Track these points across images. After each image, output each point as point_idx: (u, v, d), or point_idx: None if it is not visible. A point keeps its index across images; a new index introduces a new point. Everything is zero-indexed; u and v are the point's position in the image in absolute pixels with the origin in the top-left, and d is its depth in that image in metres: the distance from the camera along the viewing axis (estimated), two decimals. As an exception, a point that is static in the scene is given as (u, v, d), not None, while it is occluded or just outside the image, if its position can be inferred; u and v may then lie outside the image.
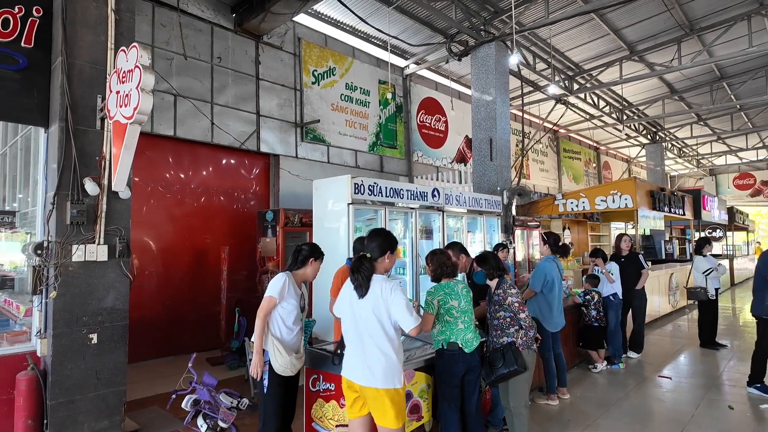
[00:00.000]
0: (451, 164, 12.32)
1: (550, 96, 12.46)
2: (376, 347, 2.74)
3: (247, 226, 7.89)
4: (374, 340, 2.75)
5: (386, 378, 2.71)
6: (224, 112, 7.60)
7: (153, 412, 4.62)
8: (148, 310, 6.80)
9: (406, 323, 2.73)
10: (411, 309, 2.75)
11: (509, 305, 3.52)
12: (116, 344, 3.88)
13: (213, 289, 7.27)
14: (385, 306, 2.75)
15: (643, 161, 20.60)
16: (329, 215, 5.58)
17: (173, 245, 7.21)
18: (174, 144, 7.20)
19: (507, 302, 3.53)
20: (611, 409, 4.59)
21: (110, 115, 3.49)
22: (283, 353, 3.06)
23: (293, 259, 3.32)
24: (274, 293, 3.09)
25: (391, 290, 2.76)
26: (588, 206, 9.23)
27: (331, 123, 9.33)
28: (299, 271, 3.30)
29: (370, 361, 2.74)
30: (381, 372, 2.71)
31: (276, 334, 3.13)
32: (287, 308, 3.14)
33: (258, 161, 8.37)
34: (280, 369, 3.07)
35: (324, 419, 3.21)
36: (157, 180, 7.07)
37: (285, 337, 3.14)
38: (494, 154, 8.61)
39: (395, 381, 2.73)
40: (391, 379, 2.72)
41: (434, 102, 12.12)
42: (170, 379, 5.59)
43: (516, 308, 3.51)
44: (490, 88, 8.77)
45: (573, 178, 18.19)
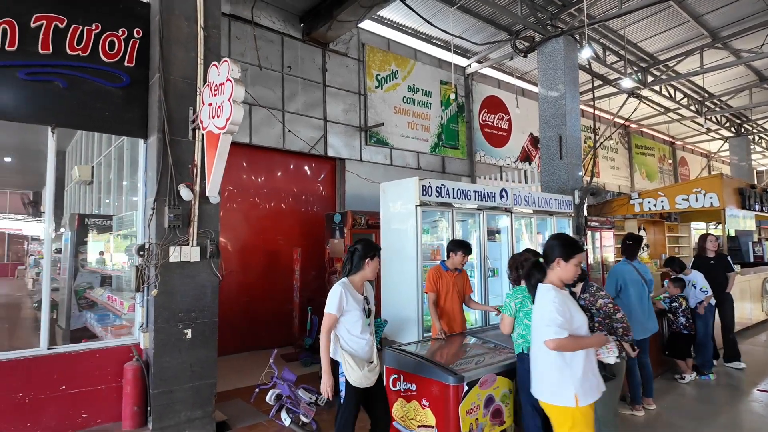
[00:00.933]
0: (514, 163, 12.03)
1: (622, 90, 11.82)
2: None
3: (316, 227, 8.16)
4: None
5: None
6: (294, 119, 7.91)
7: (237, 404, 4.90)
8: (228, 308, 7.20)
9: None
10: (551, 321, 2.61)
11: (600, 308, 3.38)
12: (207, 339, 4.16)
13: (286, 288, 7.58)
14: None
15: (726, 156, 19.00)
16: (397, 217, 5.65)
17: (249, 246, 7.60)
18: (249, 151, 7.59)
19: (597, 305, 3.40)
20: (703, 423, 4.29)
21: (203, 126, 3.76)
22: (355, 368, 2.94)
23: (348, 262, 3.17)
24: (332, 310, 2.98)
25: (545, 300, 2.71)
26: (667, 206, 8.66)
27: (393, 126, 9.43)
28: (356, 276, 3.14)
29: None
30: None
31: (346, 347, 3.02)
32: (351, 319, 3.03)
33: (325, 165, 8.63)
34: (356, 382, 2.97)
35: (406, 419, 3.26)
36: (234, 185, 7.48)
37: (355, 347, 3.02)
38: (564, 152, 8.30)
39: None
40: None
41: (497, 100, 11.89)
42: (249, 373, 5.90)
43: (610, 309, 3.37)
44: (558, 84, 8.48)
45: (646, 175, 17.13)
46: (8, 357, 3.70)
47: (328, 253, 7.62)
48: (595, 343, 2.76)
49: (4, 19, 3.70)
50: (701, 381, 5.55)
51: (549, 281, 2.76)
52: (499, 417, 3.33)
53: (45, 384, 3.80)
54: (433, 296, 4.21)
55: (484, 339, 4.04)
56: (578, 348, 2.62)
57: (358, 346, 3.02)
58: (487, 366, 3.30)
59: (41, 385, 3.78)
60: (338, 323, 3.02)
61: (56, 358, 3.88)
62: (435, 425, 3.06)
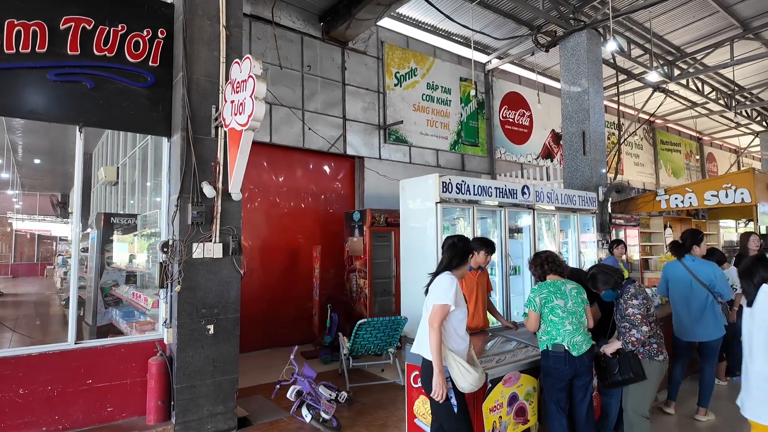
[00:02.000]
0: (536, 160, 11.85)
1: (647, 84, 11.52)
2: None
3: (335, 225, 8.18)
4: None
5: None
6: (314, 118, 7.94)
7: (258, 400, 4.94)
8: (249, 305, 7.28)
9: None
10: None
11: (629, 316, 3.27)
12: (229, 335, 4.19)
13: (306, 286, 7.62)
14: None
15: (756, 151, 18.34)
16: (416, 214, 5.60)
17: (269, 245, 7.66)
18: (269, 150, 7.65)
19: (627, 313, 3.28)
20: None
21: (225, 123, 3.79)
22: (471, 370, 2.62)
23: (455, 257, 2.85)
24: (448, 300, 2.64)
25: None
26: (696, 202, 8.40)
27: (412, 123, 9.38)
28: (459, 271, 2.85)
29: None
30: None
31: (453, 347, 2.69)
32: (459, 316, 2.73)
33: (344, 163, 8.64)
34: (468, 388, 2.65)
35: (427, 415, 3.22)
36: (255, 184, 7.55)
37: (460, 350, 2.71)
38: (587, 148, 8.13)
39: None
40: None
41: (518, 96, 11.73)
42: (270, 370, 5.93)
43: (638, 321, 3.22)
44: (581, 79, 8.31)
45: (672, 172, 16.67)
46: (38, 351, 3.80)
47: (347, 252, 7.63)
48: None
49: (35, 21, 3.80)
50: (733, 382, 5.36)
51: None
52: (522, 415, 3.26)
53: (72, 378, 3.89)
54: None
55: (507, 337, 3.97)
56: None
57: (462, 348, 2.72)
58: (510, 363, 3.24)
59: (69, 378, 3.87)
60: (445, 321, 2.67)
61: (83, 352, 3.97)
62: (458, 423, 3.01)
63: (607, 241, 7.72)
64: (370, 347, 5.30)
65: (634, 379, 3.16)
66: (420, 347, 2.80)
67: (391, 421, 4.35)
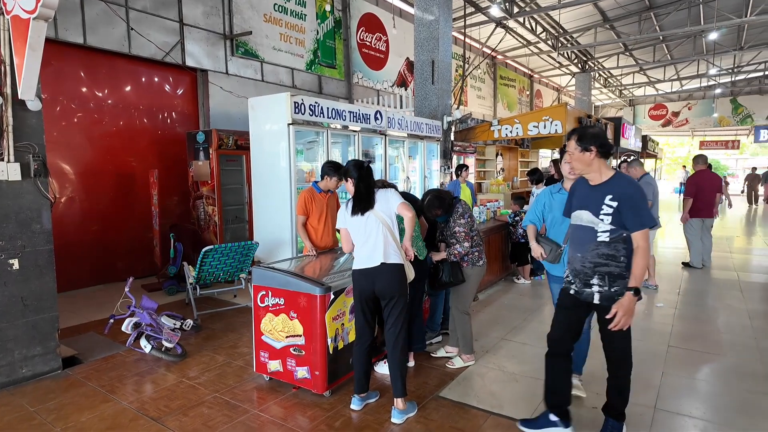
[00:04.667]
0: (392, 87, 12.07)
1: (491, 18, 12.28)
2: None
3: (176, 148, 7.40)
4: None
5: None
6: (142, 19, 6.75)
7: (90, 337, 4.50)
8: (76, 238, 6.38)
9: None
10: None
11: (456, 234, 3.68)
12: (42, 269, 3.63)
13: (143, 215, 6.90)
14: None
15: (572, 90, 21.40)
16: (268, 136, 5.34)
17: (94, 169, 6.63)
18: (85, 54, 6.36)
19: (454, 231, 3.68)
20: (533, 313, 5.13)
21: (6, 10, 2.97)
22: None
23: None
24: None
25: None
26: (521, 132, 9.55)
27: (264, 36, 8.64)
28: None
29: None
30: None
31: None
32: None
33: (184, 77, 7.67)
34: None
35: (274, 332, 3.31)
36: (69, 96, 6.30)
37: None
38: (436, 78, 8.50)
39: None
40: None
41: (375, 18, 11.53)
42: (105, 306, 5.41)
43: (461, 237, 3.65)
44: (432, 6, 8.45)
45: (507, 105, 18.61)
46: None
47: (191, 177, 7.03)
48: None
49: None
50: (535, 281, 6.58)
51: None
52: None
53: None
54: (303, 219, 4.18)
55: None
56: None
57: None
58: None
59: None
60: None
61: None
62: (302, 334, 3.15)
63: (449, 167, 8.44)
64: (220, 274, 5.13)
65: (455, 283, 3.66)
66: (390, 257, 2.95)
67: (242, 341, 4.38)
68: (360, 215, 2.98)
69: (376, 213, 2.97)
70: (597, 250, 2.52)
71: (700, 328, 4.65)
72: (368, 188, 3.02)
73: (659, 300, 5.54)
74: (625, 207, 2.44)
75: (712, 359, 3.88)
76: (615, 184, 2.52)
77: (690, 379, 3.52)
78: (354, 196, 3.04)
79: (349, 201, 3.10)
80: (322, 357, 3.13)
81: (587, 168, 2.56)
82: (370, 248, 2.95)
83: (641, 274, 2.43)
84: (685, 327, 4.64)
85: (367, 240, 2.97)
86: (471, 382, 3.48)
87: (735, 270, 7.15)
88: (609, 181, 2.54)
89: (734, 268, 7.26)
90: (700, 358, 3.89)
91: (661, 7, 13.86)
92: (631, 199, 2.43)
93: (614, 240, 2.49)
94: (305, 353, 3.17)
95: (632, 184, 2.52)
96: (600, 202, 2.51)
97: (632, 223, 2.43)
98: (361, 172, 3.03)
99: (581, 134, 2.55)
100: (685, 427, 2.86)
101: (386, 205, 3.00)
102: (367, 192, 3.00)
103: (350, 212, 3.03)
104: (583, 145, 2.53)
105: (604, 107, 27.49)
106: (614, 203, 2.47)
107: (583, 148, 2.53)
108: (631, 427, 2.80)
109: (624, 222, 2.45)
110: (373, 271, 2.94)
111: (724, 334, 4.48)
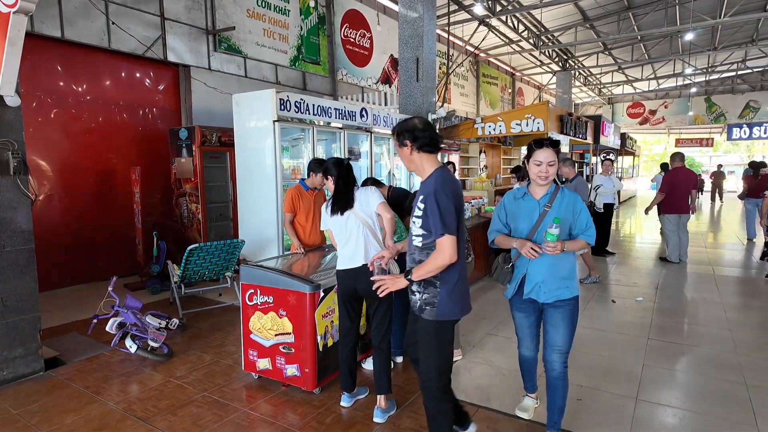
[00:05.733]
0: (376, 84, 12.06)
1: (474, 17, 12.37)
2: None
3: (158, 144, 7.28)
4: None
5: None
6: (122, 12, 6.61)
7: (73, 338, 4.41)
8: (56, 237, 6.24)
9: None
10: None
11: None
12: (23, 269, 3.54)
13: (125, 213, 6.79)
14: None
15: (554, 89, 21.72)
16: (253, 133, 5.30)
17: (73, 166, 6.49)
18: (63, 48, 6.21)
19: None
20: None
21: (-17, 2, 2.88)
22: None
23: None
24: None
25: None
26: (504, 129, 9.67)
27: (247, 32, 8.55)
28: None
29: None
30: None
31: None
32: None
33: (166, 72, 7.54)
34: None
35: (263, 330, 3.30)
36: (46, 91, 6.15)
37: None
38: (421, 75, 8.53)
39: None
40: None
41: (359, 15, 11.50)
42: (88, 305, 5.31)
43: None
44: (416, 4, 8.47)
45: (490, 103, 18.78)
46: None
47: (174, 174, 6.93)
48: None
49: None
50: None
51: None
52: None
53: None
54: (290, 216, 4.17)
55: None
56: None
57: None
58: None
59: None
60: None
61: None
62: (292, 331, 3.16)
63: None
64: (205, 273, 5.08)
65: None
66: (372, 257, 2.69)
67: (229, 340, 4.36)
68: (339, 215, 2.96)
69: (356, 213, 2.94)
70: (413, 255, 2.28)
71: (678, 321, 4.80)
72: (347, 186, 2.99)
73: (639, 294, 5.70)
74: (427, 209, 2.12)
75: (690, 351, 4.01)
76: (426, 184, 2.20)
77: (669, 371, 3.63)
78: (333, 194, 3.04)
79: (329, 201, 3.09)
80: (311, 354, 3.14)
81: (411, 165, 2.25)
82: (352, 249, 2.94)
83: (428, 271, 2.14)
84: (664, 320, 4.79)
85: (348, 240, 2.95)
86: (458, 377, 3.53)
87: (710, 264, 7.39)
88: (425, 180, 2.22)
89: (709, 263, 7.50)
90: (679, 350, 4.02)
91: (639, 8, 14.16)
92: (431, 200, 2.09)
93: (426, 246, 2.19)
94: (295, 351, 3.17)
95: (437, 182, 2.13)
96: (416, 204, 2.22)
97: (433, 228, 2.11)
98: (340, 170, 3.02)
99: (396, 128, 2.26)
100: (665, 417, 2.96)
101: (366, 205, 2.98)
102: (346, 190, 2.98)
103: (330, 212, 3.01)
104: (399, 139, 2.23)
105: (584, 105, 27.96)
106: (422, 205, 2.16)
107: (399, 143, 2.24)
108: (614, 418, 2.89)
109: (428, 226, 2.14)
110: (355, 272, 2.92)
111: (701, 326, 4.64)
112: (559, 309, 2.53)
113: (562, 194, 2.55)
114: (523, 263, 2.59)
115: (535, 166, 2.48)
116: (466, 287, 2.32)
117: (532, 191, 2.58)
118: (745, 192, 10.02)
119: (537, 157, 2.48)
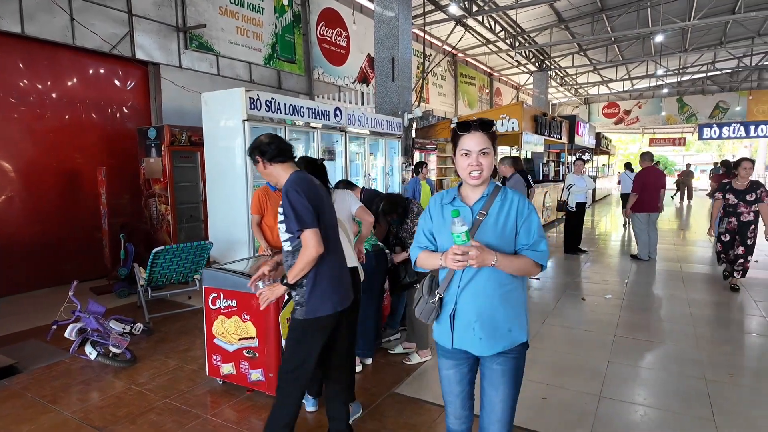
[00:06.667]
0: (353, 84, 12.00)
1: (450, 17, 12.41)
2: None
3: (126, 144, 7.09)
4: None
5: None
6: (86, 9, 6.42)
7: (31, 345, 4.26)
8: (16, 239, 6.02)
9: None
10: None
11: (414, 233, 3.68)
12: (-26, 276, 3.40)
13: (91, 215, 6.60)
14: None
15: (530, 89, 21.98)
16: (222, 133, 5.22)
17: (35, 166, 6.27)
18: (23, 45, 6.00)
19: (413, 231, 3.69)
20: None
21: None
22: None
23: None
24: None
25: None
26: (480, 129, 9.73)
27: (219, 30, 8.40)
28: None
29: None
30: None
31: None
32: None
33: (134, 71, 7.36)
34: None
35: (226, 334, 3.23)
36: (6, 89, 5.92)
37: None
38: (396, 75, 8.52)
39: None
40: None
41: (335, 14, 11.43)
42: (51, 310, 5.11)
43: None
44: (392, 3, 8.46)
45: (468, 103, 18.89)
46: None
47: (143, 174, 6.77)
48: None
49: None
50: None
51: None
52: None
53: None
54: (257, 218, 4.10)
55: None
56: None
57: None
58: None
59: None
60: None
61: None
62: (256, 336, 3.10)
63: (410, 164, 8.50)
64: (172, 276, 4.97)
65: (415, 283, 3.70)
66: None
67: (196, 345, 4.26)
68: None
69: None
70: (287, 261, 2.30)
71: (645, 318, 4.89)
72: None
73: (608, 292, 5.80)
74: (285, 210, 2.16)
75: (655, 347, 4.09)
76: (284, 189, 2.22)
77: (634, 367, 3.69)
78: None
79: None
80: (276, 359, 3.08)
81: (269, 178, 2.32)
82: None
83: (300, 269, 2.16)
84: (631, 317, 4.87)
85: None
86: (426, 378, 3.52)
87: (678, 261, 7.57)
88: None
89: (677, 260, 7.68)
90: (644, 347, 4.10)
91: (612, 9, 14.44)
92: (284, 200, 2.15)
93: (296, 248, 2.21)
94: (259, 355, 3.12)
95: (287, 183, 2.19)
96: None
97: (292, 226, 2.15)
98: (312, 170, 2.97)
99: (247, 150, 2.35)
100: (627, 413, 3.00)
101: (342, 209, 2.94)
102: None
103: None
104: (251, 158, 2.32)
105: (561, 105, 28.39)
106: (281, 209, 2.21)
107: (252, 161, 2.33)
108: (576, 416, 2.92)
109: (291, 228, 2.17)
110: None
111: (666, 322, 4.74)
112: (499, 360, 1.78)
113: (503, 196, 1.80)
114: (451, 294, 1.79)
115: (463, 157, 1.75)
116: (342, 280, 2.37)
117: (463, 194, 1.84)
118: (714, 190, 10.30)
119: (464, 145, 1.74)
